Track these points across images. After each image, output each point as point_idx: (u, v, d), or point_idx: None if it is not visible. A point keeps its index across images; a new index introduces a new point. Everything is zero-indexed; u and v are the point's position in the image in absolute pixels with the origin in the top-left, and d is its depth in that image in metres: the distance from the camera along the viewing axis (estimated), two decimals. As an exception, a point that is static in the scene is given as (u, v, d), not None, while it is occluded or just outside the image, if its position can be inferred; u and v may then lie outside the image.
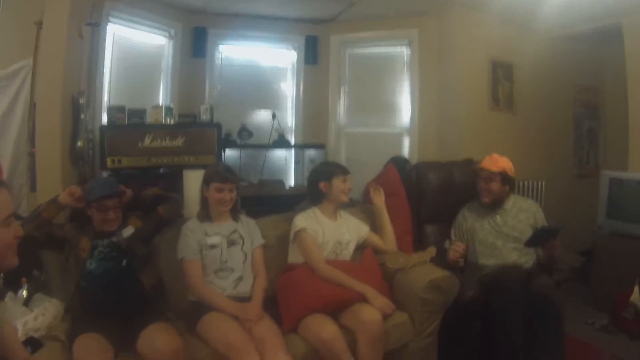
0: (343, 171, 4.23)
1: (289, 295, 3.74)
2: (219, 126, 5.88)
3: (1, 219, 1.89)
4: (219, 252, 3.75)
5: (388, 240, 4.41)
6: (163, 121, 5.72)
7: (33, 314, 3.34)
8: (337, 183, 4.14)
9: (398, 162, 5.77)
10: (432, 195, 5.06)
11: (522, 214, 4.60)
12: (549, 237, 4.39)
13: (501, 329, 3.89)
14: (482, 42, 6.75)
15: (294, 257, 4.08)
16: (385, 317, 3.63)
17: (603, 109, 8.25)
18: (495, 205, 4.63)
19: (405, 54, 7.45)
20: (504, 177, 4.62)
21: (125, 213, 3.82)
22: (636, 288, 4.84)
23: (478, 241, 4.56)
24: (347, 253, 4.18)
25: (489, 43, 6.79)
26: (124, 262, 3.61)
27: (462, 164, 5.51)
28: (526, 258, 4.45)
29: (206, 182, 3.86)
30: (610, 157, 7.90)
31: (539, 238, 4.38)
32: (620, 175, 5.91)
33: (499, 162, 4.64)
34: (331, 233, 4.12)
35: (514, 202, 4.72)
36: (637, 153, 6.16)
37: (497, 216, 4.58)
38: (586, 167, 8.04)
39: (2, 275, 3.57)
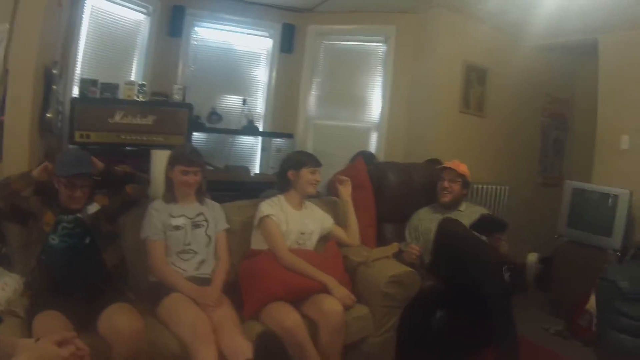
0: (314, 163, 4.29)
1: (252, 281, 3.80)
2: (190, 107, 5.87)
3: None
4: (183, 234, 3.80)
5: (352, 233, 4.52)
6: (135, 98, 5.66)
7: None
8: (305, 173, 4.22)
9: (365, 156, 5.82)
10: (390, 195, 5.14)
11: (475, 216, 4.68)
12: (495, 228, 4.53)
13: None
14: (459, 45, 6.81)
15: (257, 243, 4.15)
16: (346, 308, 3.69)
17: (571, 121, 8.43)
18: (452, 207, 4.87)
19: (380, 49, 7.46)
20: (465, 181, 4.94)
21: (93, 190, 3.77)
22: (592, 296, 4.96)
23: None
24: (310, 244, 4.26)
25: (465, 46, 6.86)
26: (87, 240, 3.57)
27: (422, 165, 5.72)
28: None
29: (171, 163, 3.91)
30: (575, 168, 8.03)
31: (483, 225, 4.47)
32: (583, 185, 6.13)
33: (461, 166, 4.93)
34: (295, 222, 4.18)
35: (467, 206, 5.00)
36: (601, 166, 6.39)
37: (452, 217, 4.64)
38: (550, 176, 8.18)
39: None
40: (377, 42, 7.51)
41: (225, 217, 4.12)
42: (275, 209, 4.16)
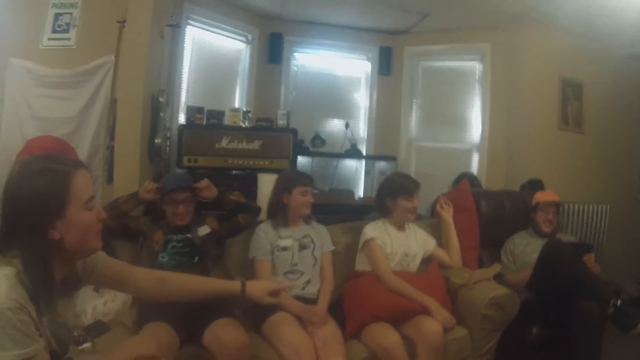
0: (410, 190, 4.18)
1: (355, 302, 3.78)
2: (294, 132, 5.86)
3: (84, 201, 1.85)
4: (290, 255, 3.84)
5: (453, 255, 4.42)
6: (240, 124, 5.74)
7: (103, 299, 3.47)
8: (402, 202, 4.13)
9: (469, 178, 5.73)
10: (484, 221, 5.01)
11: None
12: (581, 250, 4.34)
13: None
14: (553, 59, 6.66)
15: (361, 265, 4.14)
16: (446, 330, 3.61)
17: (672, 132, 8.05)
18: (551, 234, 4.75)
19: (477, 68, 7.40)
20: (559, 209, 4.91)
21: (201, 211, 3.95)
22: None
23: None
24: (414, 265, 4.19)
25: (559, 60, 6.70)
26: (196, 259, 3.71)
27: (513, 193, 5.61)
28: None
29: (287, 186, 3.92)
30: None
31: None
32: None
33: (557, 195, 4.91)
34: (399, 244, 4.13)
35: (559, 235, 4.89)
36: None
37: None
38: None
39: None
40: (473, 61, 7.44)
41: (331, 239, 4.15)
42: (379, 232, 4.12)
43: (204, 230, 3.83)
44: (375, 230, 4.12)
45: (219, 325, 3.13)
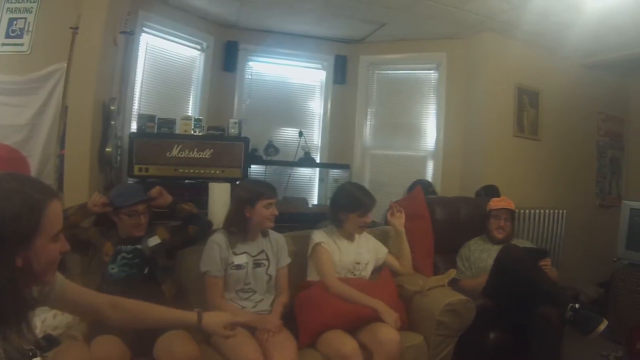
0: (367, 208, 4.16)
1: (307, 311, 3.74)
2: (247, 140, 5.85)
3: (53, 233, 1.81)
4: (244, 273, 3.74)
5: (405, 262, 4.43)
6: (192, 132, 5.72)
7: (52, 312, 3.33)
8: (356, 218, 4.11)
9: (423, 185, 5.78)
10: (439, 228, 5.06)
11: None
12: (536, 256, 4.43)
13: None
14: (509, 68, 6.78)
15: (313, 274, 4.10)
16: (396, 329, 3.61)
17: (627, 139, 8.23)
18: (504, 241, 4.79)
19: (432, 76, 7.47)
20: (513, 216, 4.99)
21: (152, 221, 3.89)
22: None
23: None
24: (365, 274, 4.19)
25: (516, 69, 6.83)
26: (146, 270, 3.66)
27: (468, 200, 5.71)
28: None
29: (251, 200, 3.78)
30: (633, 187, 7.86)
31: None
32: None
33: (511, 203, 4.98)
34: (349, 253, 4.15)
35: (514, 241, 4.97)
36: None
37: None
38: (608, 197, 8.00)
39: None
40: (428, 70, 7.52)
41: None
42: (328, 238, 4.13)
43: (154, 240, 3.78)
44: (323, 236, 4.12)
45: (169, 337, 3.09)
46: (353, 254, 4.16)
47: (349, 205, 4.15)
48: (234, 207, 3.89)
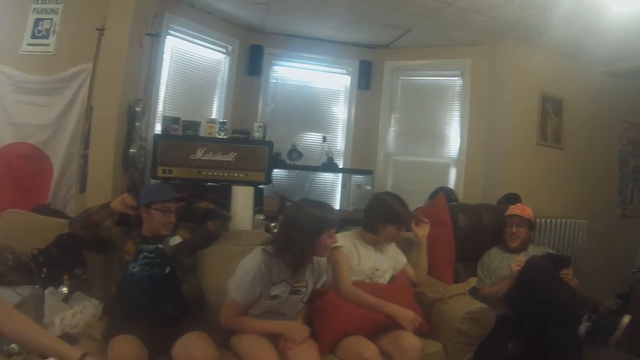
0: (405, 222, 4.10)
1: (324, 318, 3.65)
2: (270, 144, 5.86)
3: None
4: (280, 302, 3.45)
5: (420, 273, 4.35)
6: (217, 135, 5.72)
7: (71, 311, 3.38)
8: (392, 229, 4.01)
9: (445, 192, 5.75)
10: (461, 235, 5.02)
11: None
12: (559, 264, 4.33)
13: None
14: (533, 75, 6.74)
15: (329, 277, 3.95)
16: (417, 332, 3.58)
17: (650, 148, 8.13)
18: (520, 250, 4.80)
19: (457, 83, 7.43)
20: (531, 224, 4.91)
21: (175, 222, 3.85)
22: None
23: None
24: (383, 280, 4.09)
25: (539, 76, 6.77)
26: (167, 270, 3.59)
27: (491, 206, 5.66)
28: None
29: (319, 231, 3.35)
30: None
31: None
32: None
33: (526, 210, 4.90)
34: (369, 259, 4.05)
35: (532, 248, 4.95)
36: None
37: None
38: (629, 207, 7.89)
39: (44, 270, 3.63)
40: (453, 76, 7.48)
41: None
42: (348, 242, 4.02)
43: (175, 240, 3.74)
44: (344, 239, 3.97)
45: (189, 338, 3.09)
46: (372, 261, 4.06)
47: (388, 216, 4.03)
48: (295, 236, 3.34)
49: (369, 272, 4.03)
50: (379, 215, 4.07)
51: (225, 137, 5.74)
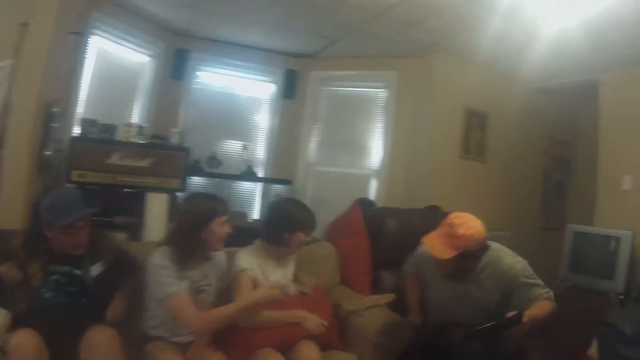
0: (311, 227, 3.98)
1: (236, 330, 3.58)
2: (187, 150, 5.84)
3: None
4: None
5: None
6: (133, 140, 5.63)
7: None
8: (301, 236, 3.89)
9: (364, 203, 5.80)
10: (389, 241, 5.04)
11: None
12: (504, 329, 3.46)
13: None
14: (459, 89, 6.88)
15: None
16: (318, 335, 3.61)
17: (574, 163, 8.40)
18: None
19: (382, 95, 7.53)
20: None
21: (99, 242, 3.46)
22: (594, 342, 4.86)
23: None
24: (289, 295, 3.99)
25: (465, 90, 6.91)
26: (84, 300, 3.27)
27: (421, 211, 5.63)
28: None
29: (205, 219, 3.40)
30: (578, 211, 7.99)
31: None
32: (585, 229, 6.12)
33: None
34: (275, 275, 3.95)
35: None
36: (603, 208, 6.37)
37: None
38: (553, 220, 8.10)
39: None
40: (378, 88, 7.58)
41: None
42: (253, 262, 3.80)
43: (97, 269, 3.35)
44: (249, 259, 3.80)
45: (95, 335, 2.99)
46: (279, 276, 3.98)
47: (297, 223, 3.88)
48: (184, 225, 3.45)
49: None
50: (285, 225, 3.87)
51: (141, 142, 5.67)
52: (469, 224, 3.76)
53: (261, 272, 3.84)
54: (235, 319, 3.41)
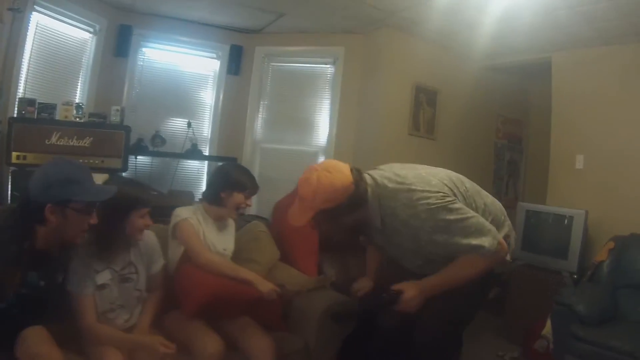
0: (252, 190, 3.96)
1: (189, 280, 3.55)
2: (127, 129, 5.77)
3: None
4: (109, 292, 3.25)
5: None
6: (73, 119, 5.56)
7: None
8: (239, 197, 3.88)
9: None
10: None
11: None
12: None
13: None
14: (408, 66, 6.89)
15: (174, 254, 3.81)
16: (270, 299, 3.54)
17: (526, 142, 8.57)
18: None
19: (329, 71, 7.51)
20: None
21: None
22: (548, 321, 4.92)
23: None
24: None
25: (414, 67, 6.94)
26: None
27: None
28: None
29: (125, 209, 3.22)
30: (531, 190, 8.10)
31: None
32: (537, 207, 6.23)
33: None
34: (215, 238, 3.94)
35: None
36: (556, 186, 6.50)
37: None
38: (505, 198, 8.21)
39: None
40: (325, 64, 7.55)
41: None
42: (193, 217, 3.80)
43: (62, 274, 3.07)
44: (189, 213, 3.81)
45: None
46: (220, 240, 3.97)
47: (235, 183, 3.86)
48: (106, 220, 3.09)
49: (214, 250, 3.89)
50: (224, 184, 3.88)
51: (81, 121, 5.59)
52: (310, 179, 2.98)
53: (202, 230, 3.83)
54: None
